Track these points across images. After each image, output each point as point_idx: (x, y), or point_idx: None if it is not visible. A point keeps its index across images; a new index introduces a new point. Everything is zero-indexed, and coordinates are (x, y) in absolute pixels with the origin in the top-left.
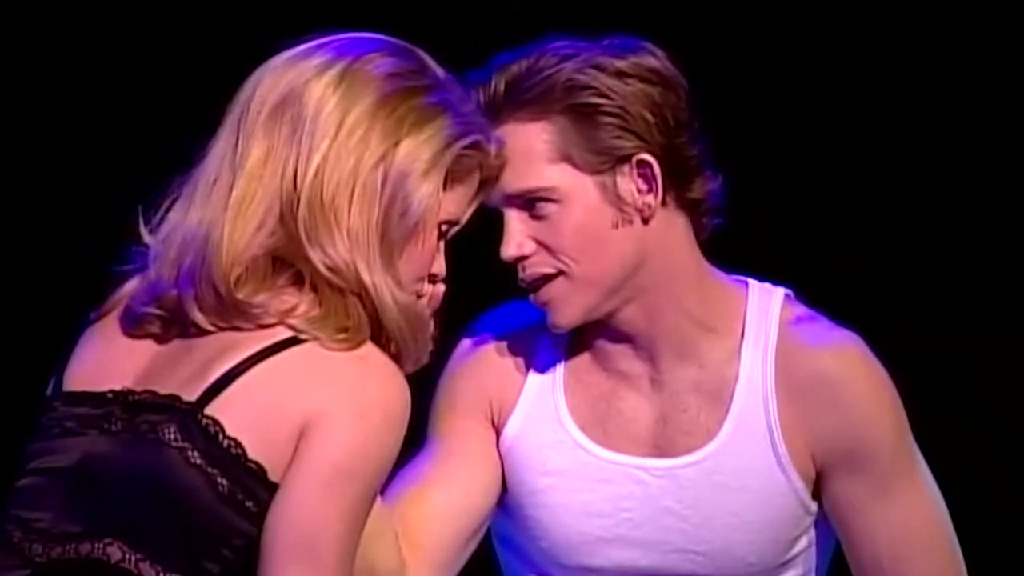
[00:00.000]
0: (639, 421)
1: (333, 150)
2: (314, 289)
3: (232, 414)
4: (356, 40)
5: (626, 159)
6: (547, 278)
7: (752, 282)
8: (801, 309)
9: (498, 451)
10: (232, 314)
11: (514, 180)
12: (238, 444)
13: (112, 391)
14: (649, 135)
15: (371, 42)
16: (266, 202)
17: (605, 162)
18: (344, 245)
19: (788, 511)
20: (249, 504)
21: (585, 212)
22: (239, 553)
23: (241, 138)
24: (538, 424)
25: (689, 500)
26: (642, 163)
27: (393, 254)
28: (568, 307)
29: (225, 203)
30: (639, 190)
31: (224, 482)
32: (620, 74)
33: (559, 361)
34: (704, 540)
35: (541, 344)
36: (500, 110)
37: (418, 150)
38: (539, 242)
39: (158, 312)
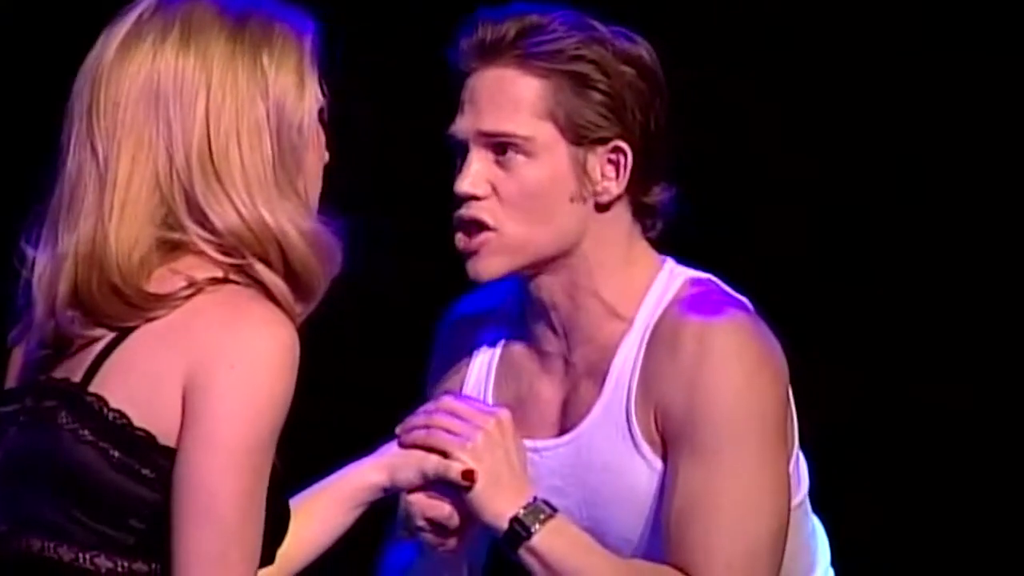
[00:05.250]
0: (551, 403)
1: (212, 109)
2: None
3: (113, 387)
4: None
5: (604, 141)
6: (481, 227)
7: (667, 266)
8: (704, 290)
9: None
10: (146, 308)
11: (497, 120)
12: (122, 415)
13: (24, 383)
14: (632, 127)
15: None
16: (149, 193)
17: (585, 136)
18: (243, 197)
19: (648, 486)
20: (146, 472)
21: (550, 174)
22: (148, 521)
23: (100, 145)
24: None
25: (567, 479)
26: (618, 150)
27: (294, 178)
28: (491, 261)
29: (101, 214)
30: (605, 175)
31: (116, 453)
32: (626, 61)
33: (500, 345)
34: (587, 517)
35: (490, 330)
36: (503, 52)
37: (284, 65)
38: (494, 189)
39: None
